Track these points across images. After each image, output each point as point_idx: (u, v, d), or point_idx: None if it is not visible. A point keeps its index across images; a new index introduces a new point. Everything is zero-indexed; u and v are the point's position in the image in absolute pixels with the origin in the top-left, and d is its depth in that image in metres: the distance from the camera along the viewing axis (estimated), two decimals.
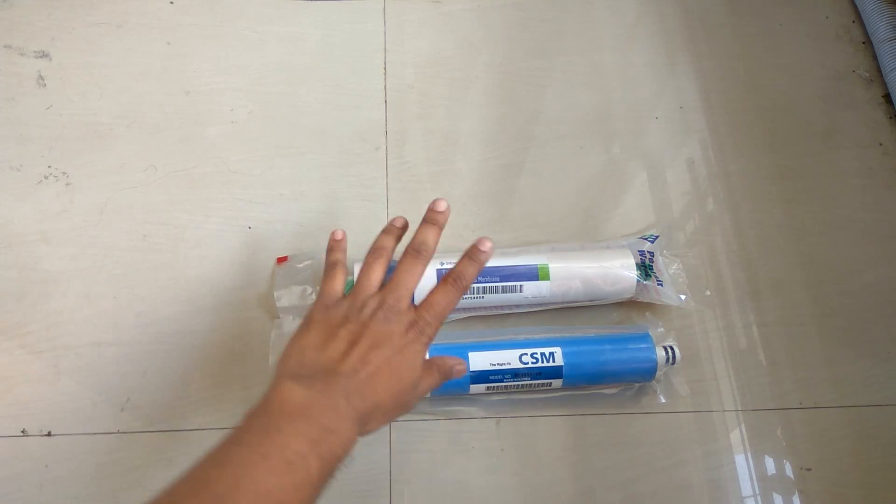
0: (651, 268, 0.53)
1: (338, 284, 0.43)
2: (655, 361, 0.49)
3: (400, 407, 0.40)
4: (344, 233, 0.46)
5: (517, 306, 0.52)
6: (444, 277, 0.42)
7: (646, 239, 0.54)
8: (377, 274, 0.42)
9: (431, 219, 0.43)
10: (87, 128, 0.58)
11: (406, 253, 0.42)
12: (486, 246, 0.42)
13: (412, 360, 0.39)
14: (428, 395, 0.44)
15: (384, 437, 0.49)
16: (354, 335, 0.38)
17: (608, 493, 0.48)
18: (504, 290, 0.50)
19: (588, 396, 0.50)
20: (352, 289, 0.42)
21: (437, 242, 0.43)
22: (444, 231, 0.56)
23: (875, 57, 0.66)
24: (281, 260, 0.53)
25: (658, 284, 0.52)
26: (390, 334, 0.39)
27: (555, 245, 0.54)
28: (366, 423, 0.37)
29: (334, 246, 0.46)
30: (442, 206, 0.43)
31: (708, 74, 0.64)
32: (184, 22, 0.63)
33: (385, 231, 0.44)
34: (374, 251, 0.43)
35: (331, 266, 0.44)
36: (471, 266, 0.42)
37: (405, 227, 0.45)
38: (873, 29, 0.66)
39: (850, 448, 0.50)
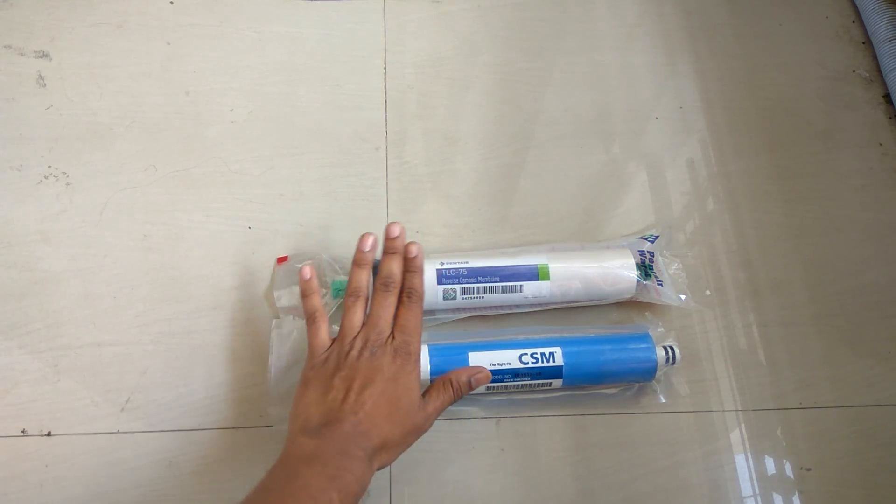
0: (651, 268, 0.53)
1: (322, 335, 0.45)
2: (655, 361, 0.49)
3: (410, 433, 0.42)
4: (312, 269, 0.48)
5: (517, 306, 0.52)
6: (400, 297, 0.45)
7: (646, 239, 0.54)
8: (358, 316, 0.45)
9: (390, 248, 0.46)
10: (87, 128, 0.58)
11: (377, 289, 0.45)
12: (413, 251, 0.46)
13: (407, 384, 0.42)
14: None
15: None
16: (348, 380, 0.41)
17: (608, 493, 0.48)
18: (504, 289, 0.50)
19: (588, 396, 0.50)
20: (338, 334, 0.45)
21: (401, 269, 0.46)
22: (443, 232, 0.56)
23: (875, 57, 0.66)
24: (281, 260, 0.53)
25: (658, 284, 0.52)
26: (380, 367, 0.42)
27: (555, 245, 0.55)
28: (378, 458, 0.40)
29: (306, 289, 0.47)
30: (396, 231, 0.46)
31: (708, 74, 0.64)
32: (184, 22, 0.63)
33: (357, 264, 0.47)
34: (351, 293, 0.46)
35: (310, 317, 0.46)
36: (414, 276, 0.46)
37: (375, 246, 0.47)
38: (873, 29, 0.66)
39: (850, 448, 0.50)
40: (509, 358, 0.48)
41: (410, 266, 0.46)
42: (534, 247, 0.54)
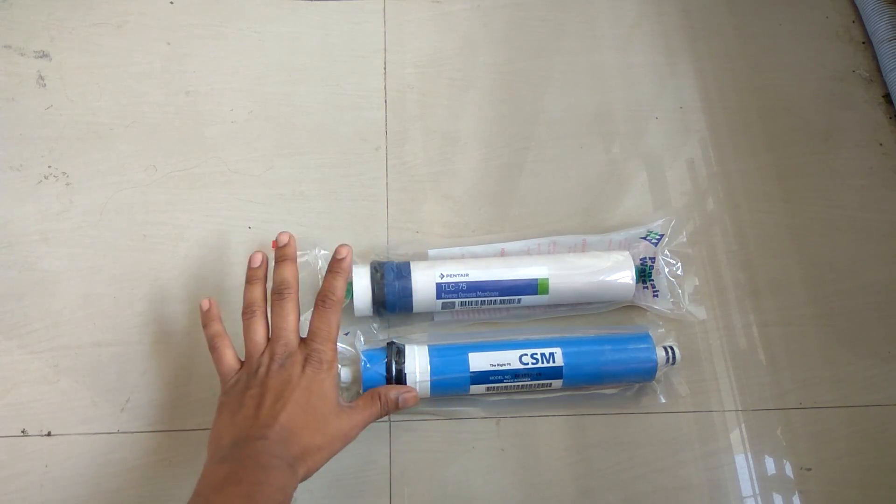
0: (650, 275, 0.53)
1: (228, 360, 0.44)
2: (655, 362, 0.49)
3: (335, 438, 0.41)
4: (211, 301, 0.46)
5: (514, 310, 0.52)
6: (316, 300, 0.44)
7: (648, 240, 0.54)
8: (259, 332, 0.44)
9: (280, 256, 0.46)
10: (87, 128, 0.58)
11: (272, 301, 0.44)
12: (343, 253, 0.46)
13: (321, 391, 0.41)
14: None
15: (384, 437, 0.49)
16: (258, 397, 0.40)
17: (608, 493, 0.48)
18: (503, 302, 0.50)
19: (588, 396, 0.50)
20: (245, 355, 0.44)
21: (295, 275, 0.45)
22: (443, 232, 0.56)
23: (875, 57, 0.66)
24: (275, 244, 0.53)
25: (654, 295, 0.53)
26: (289, 379, 0.41)
27: (556, 239, 0.54)
28: (301, 464, 0.38)
29: (204, 319, 0.46)
30: (284, 239, 0.46)
31: (708, 74, 0.64)
32: (184, 22, 0.63)
33: (248, 282, 0.46)
34: (245, 311, 0.45)
35: (211, 345, 0.44)
36: (336, 278, 0.45)
37: (265, 262, 0.47)
38: (873, 29, 0.66)
39: (850, 448, 0.50)
40: (509, 358, 0.48)
41: (337, 268, 0.45)
42: (534, 240, 0.54)
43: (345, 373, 0.47)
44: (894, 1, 0.65)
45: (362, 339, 0.49)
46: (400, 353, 0.47)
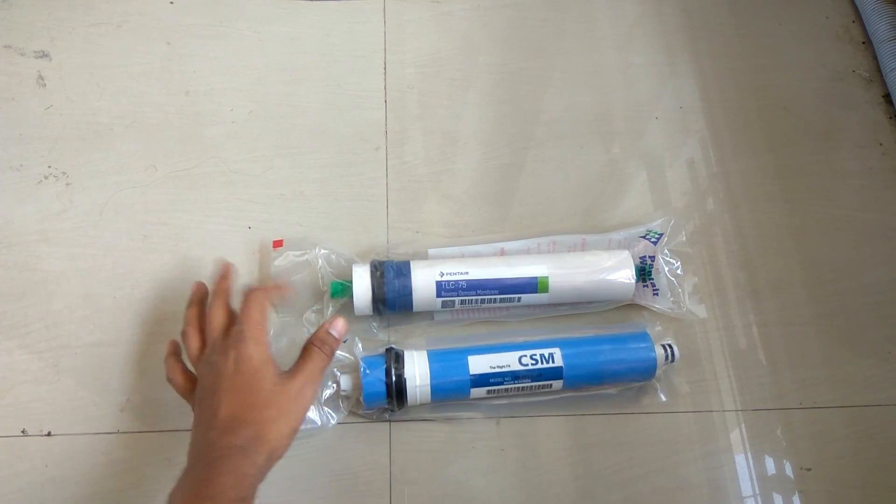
0: (650, 273, 0.53)
1: (183, 387, 0.43)
2: (655, 360, 0.48)
3: (290, 404, 0.40)
4: (170, 341, 0.46)
5: (514, 308, 0.52)
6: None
7: (647, 239, 0.54)
8: (193, 343, 0.44)
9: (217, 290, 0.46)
10: (87, 128, 0.58)
11: (208, 306, 0.45)
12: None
13: (253, 368, 0.40)
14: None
15: (384, 437, 0.49)
16: (200, 402, 0.41)
17: (608, 493, 0.48)
18: (503, 300, 0.50)
19: (588, 396, 0.50)
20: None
21: (229, 287, 0.46)
22: (443, 231, 0.56)
23: (875, 57, 0.66)
24: (276, 244, 0.53)
25: (654, 294, 0.53)
26: (218, 370, 0.40)
27: (556, 238, 0.54)
28: (261, 444, 0.38)
29: (167, 367, 0.45)
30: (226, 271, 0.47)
31: (708, 74, 0.64)
32: (184, 22, 0.63)
33: (188, 306, 0.46)
34: (183, 329, 0.45)
35: (168, 378, 0.44)
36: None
37: (202, 288, 0.47)
38: (873, 29, 0.66)
39: (850, 448, 0.50)
40: (508, 360, 0.47)
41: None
42: (534, 240, 0.54)
43: (345, 381, 0.47)
44: (894, 1, 0.66)
45: (360, 345, 0.49)
46: (399, 358, 0.47)
